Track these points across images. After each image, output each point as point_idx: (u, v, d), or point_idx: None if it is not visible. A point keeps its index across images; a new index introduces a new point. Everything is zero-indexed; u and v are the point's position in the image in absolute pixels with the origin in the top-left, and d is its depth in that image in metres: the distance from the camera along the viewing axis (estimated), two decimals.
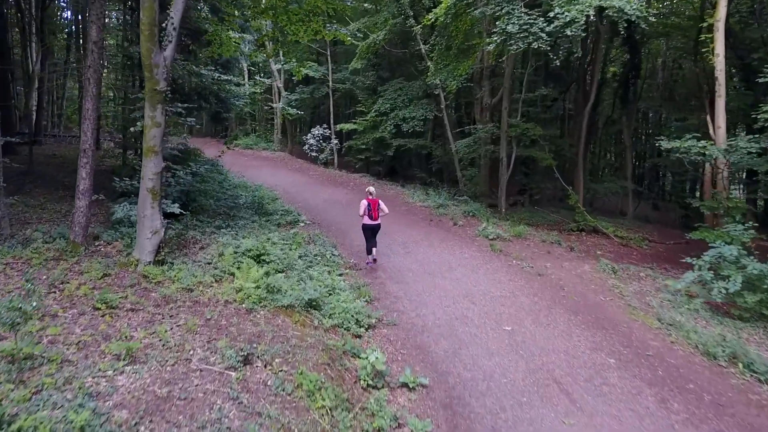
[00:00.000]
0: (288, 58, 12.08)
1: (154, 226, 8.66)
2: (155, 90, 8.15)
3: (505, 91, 17.88)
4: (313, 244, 13.22)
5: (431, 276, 11.14)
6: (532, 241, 14.41)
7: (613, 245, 16.21)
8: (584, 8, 11.65)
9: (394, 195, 20.67)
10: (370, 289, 10.06)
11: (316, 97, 32.34)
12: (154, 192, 8.57)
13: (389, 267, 11.76)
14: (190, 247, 10.52)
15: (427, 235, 14.51)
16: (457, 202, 18.71)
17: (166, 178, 12.08)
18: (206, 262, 9.52)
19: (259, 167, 26.86)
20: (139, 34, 7.94)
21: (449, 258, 12.41)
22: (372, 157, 28.94)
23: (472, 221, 16.46)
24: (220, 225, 12.48)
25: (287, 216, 15.89)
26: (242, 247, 9.77)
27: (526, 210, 20.35)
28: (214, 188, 16.10)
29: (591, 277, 11.43)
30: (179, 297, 7.75)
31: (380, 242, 13.34)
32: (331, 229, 15.20)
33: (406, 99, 24.15)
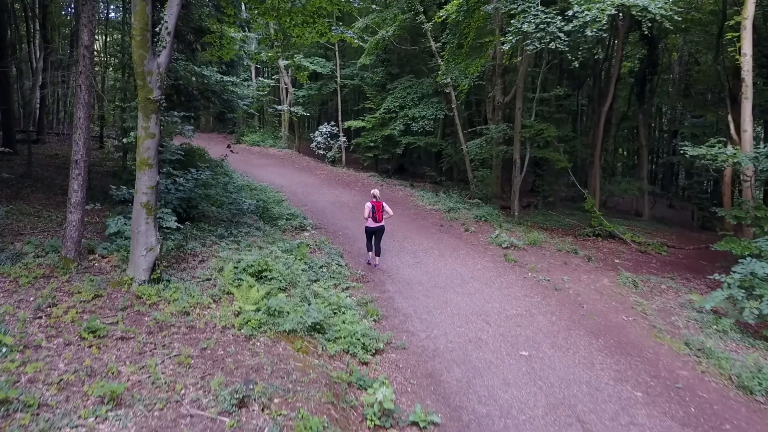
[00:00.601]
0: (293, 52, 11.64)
1: (149, 243, 8.16)
2: (149, 99, 7.62)
3: (518, 90, 17.23)
4: (319, 252, 12.72)
5: (442, 290, 10.59)
6: (548, 249, 13.81)
7: (630, 252, 15.58)
8: (606, 7, 10.99)
9: (403, 197, 20.11)
10: (377, 306, 9.55)
11: (324, 93, 31.77)
12: (148, 207, 8.06)
13: (398, 279, 11.23)
14: (189, 261, 10.02)
15: (437, 243, 13.95)
16: (468, 205, 18.13)
17: (166, 185, 11.61)
18: (205, 279, 9.02)
19: (266, 166, 26.38)
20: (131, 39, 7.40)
21: (461, 270, 11.85)
22: (381, 155, 28.38)
23: (484, 227, 15.88)
24: (222, 234, 11.98)
25: (293, 221, 15.38)
26: (243, 262, 9.25)
27: (540, 212, 19.74)
28: (218, 192, 15.58)
29: (611, 292, 10.83)
30: (174, 322, 7.24)
31: (389, 250, 12.92)
32: (338, 235, 14.68)
33: (416, 97, 23.53)
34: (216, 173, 18.63)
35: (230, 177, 19.97)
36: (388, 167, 30.39)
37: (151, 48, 7.47)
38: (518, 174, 17.65)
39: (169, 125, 10.82)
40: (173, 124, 10.67)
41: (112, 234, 9.51)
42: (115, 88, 19.86)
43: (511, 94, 20.23)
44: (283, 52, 12.40)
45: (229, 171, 21.75)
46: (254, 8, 10.47)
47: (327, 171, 26.36)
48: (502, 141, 19.95)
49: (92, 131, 24.67)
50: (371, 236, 11.95)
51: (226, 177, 18.47)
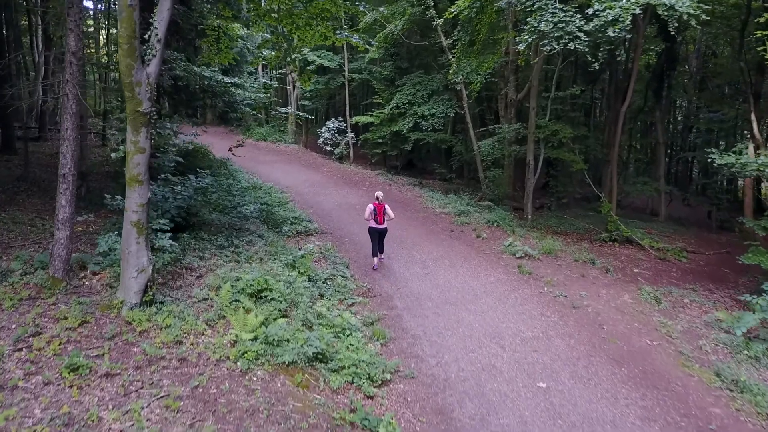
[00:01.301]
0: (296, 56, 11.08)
1: (141, 264, 7.63)
2: (138, 112, 7.05)
3: (533, 90, 16.52)
4: (324, 261, 12.20)
5: (453, 307, 10.02)
6: (564, 260, 13.17)
7: (649, 259, 14.92)
8: (629, 6, 10.27)
9: (411, 198, 19.51)
10: (384, 327, 9.01)
11: (332, 88, 31.08)
12: (139, 226, 7.52)
13: (407, 293, 10.66)
14: (186, 277, 9.49)
15: (447, 252, 13.36)
16: (479, 208, 17.49)
17: (163, 193, 11.08)
18: (201, 299, 8.49)
19: (272, 163, 25.80)
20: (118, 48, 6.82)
21: (473, 283, 11.27)
22: (389, 151, 27.75)
23: (497, 233, 15.26)
24: (222, 244, 11.44)
25: (297, 225, 14.84)
26: (241, 281, 8.70)
27: (553, 215, 19.07)
28: (220, 196, 15.06)
29: (632, 311, 10.20)
30: (165, 354, 6.71)
31: (398, 259, 12.42)
32: (344, 242, 14.12)
33: (426, 94, 22.83)
34: (219, 174, 18.12)
35: (234, 177, 19.43)
36: (396, 163, 29.77)
37: (139, 57, 6.89)
38: (532, 176, 16.98)
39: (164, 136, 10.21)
40: (167, 136, 10.07)
41: (102, 253, 8.95)
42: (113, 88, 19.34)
43: (524, 90, 19.52)
44: (285, 56, 11.76)
45: (234, 170, 21.21)
46: (253, 10, 9.83)
47: (334, 168, 25.76)
48: (515, 140, 19.26)
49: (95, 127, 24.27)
50: (375, 238, 11.99)
51: (230, 179, 17.92)
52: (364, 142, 29.05)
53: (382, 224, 11.79)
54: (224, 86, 13.16)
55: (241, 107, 15.30)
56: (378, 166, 28.47)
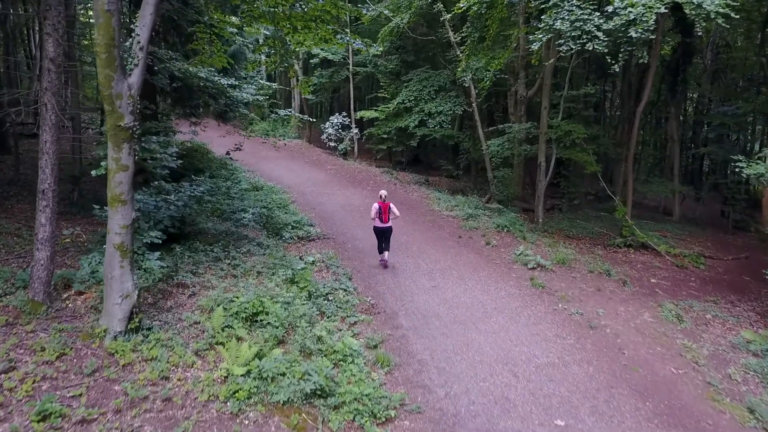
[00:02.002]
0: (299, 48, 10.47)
1: (125, 289, 7.05)
2: (119, 126, 6.43)
3: (544, 88, 15.80)
4: (326, 272, 11.62)
5: (463, 326, 9.40)
6: (578, 271, 12.53)
7: (666, 266, 14.27)
8: (653, 4, 9.54)
9: (417, 200, 18.86)
10: (389, 351, 8.41)
11: (336, 81, 30.34)
12: (123, 249, 6.93)
13: (413, 310, 10.05)
14: (177, 296, 8.91)
15: (456, 261, 12.73)
16: (488, 211, 16.84)
17: (156, 202, 10.47)
18: (192, 323, 7.91)
19: (275, 159, 25.18)
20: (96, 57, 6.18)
21: (483, 298, 10.65)
22: (394, 147, 27.07)
23: (507, 239, 14.61)
24: (218, 255, 10.85)
25: (299, 230, 14.26)
26: (235, 304, 8.11)
27: (564, 217, 18.40)
28: (219, 200, 14.47)
29: (654, 332, 9.56)
30: (148, 393, 6.13)
31: (404, 269, 11.90)
32: (347, 248, 13.52)
33: (432, 90, 22.08)
34: (218, 175, 17.53)
35: (235, 177, 18.88)
36: (402, 159, 29.10)
37: (119, 67, 6.26)
38: (543, 178, 16.29)
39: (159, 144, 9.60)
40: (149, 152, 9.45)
41: (84, 275, 8.35)
42: None
43: (535, 87, 18.79)
44: (282, 60, 11.09)
45: (235, 168, 20.62)
46: (248, 12, 9.15)
47: (338, 165, 25.12)
48: (526, 139, 18.57)
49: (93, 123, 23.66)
50: (380, 237, 11.99)
51: (229, 180, 17.31)
52: (368, 137, 28.38)
53: (387, 223, 11.75)
54: (221, 87, 12.50)
55: (239, 108, 14.62)
56: (383, 162, 27.82)
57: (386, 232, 11.87)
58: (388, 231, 11.89)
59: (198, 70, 11.85)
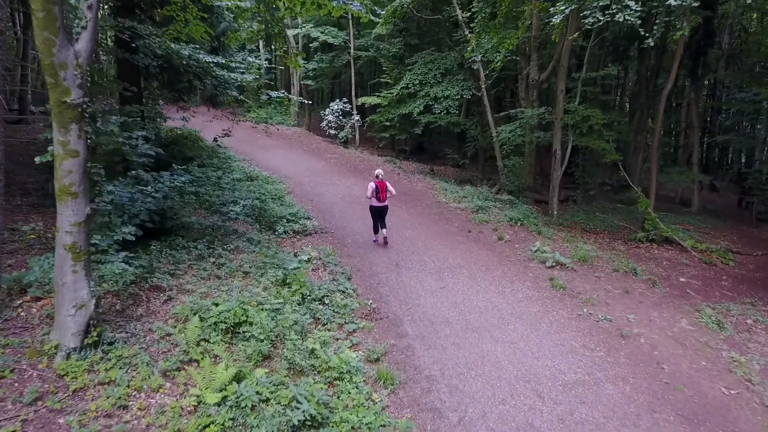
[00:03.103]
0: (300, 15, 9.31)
1: (79, 298, 5.92)
2: (64, 103, 5.26)
3: (561, 70, 14.53)
4: (322, 270, 10.50)
5: (476, 334, 8.26)
6: (602, 270, 11.36)
7: (693, 263, 13.13)
8: None
9: (422, 191, 17.67)
10: (393, 365, 7.27)
11: (336, 66, 29.07)
12: (75, 250, 5.79)
13: (420, 314, 8.92)
14: (151, 301, 7.79)
15: (466, 258, 11.58)
16: (499, 203, 15.65)
17: (132, 194, 9.31)
18: (163, 335, 6.78)
19: (272, 148, 24.00)
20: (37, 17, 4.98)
21: (498, 300, 9.49)
22: (397, 135, 25.84)
23: (521, 233, 13.44)
24: (201, 253, 9.71)
25: (294, 224, 13.13)
26: (214, 312, 6.98)
27: (580, 209, 17.22)
28: (207, 191, 13.32)
29: (695, 342, 8.41)
30: (100, 429, 5.02)
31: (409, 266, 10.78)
32: (346, 243, 12.39)
33: (438, 74, 20.80)
34: (208, 165, 16.39)
35: (227, 166, 17.69)
36: (405, 148, 27.90)
37: (62, 30, 5.07)
38: (558, 167, 15.10)
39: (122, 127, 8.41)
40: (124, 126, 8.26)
41: (31, 281, 7.18)
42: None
43: (548, 70, 17.52)
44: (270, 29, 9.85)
45: (228, 157, 19.47)
46: None
47: (338, 154, 23.91)
48: (538, 126, 17.34)
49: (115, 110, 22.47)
50: (377, 216, 12.18)
51: (220, 170, 16.13)
52: (370, 124, 27.15)
53: (384, 202, 11.93)
54: (206, 66, 11.30)
55: (229, 91, 13.41)
56: (385, 151, 26.62)
57: (383, 211, 12.07)
58: (385, 210, 12.10)
59: (181, 47, 10.63)
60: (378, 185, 11.80)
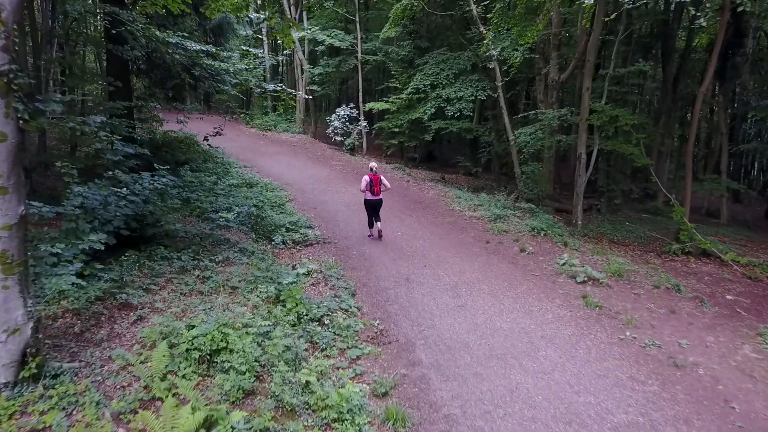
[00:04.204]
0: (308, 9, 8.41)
1: (11, 321, 4.72)
2: None
3: (587, 66, 13.29)
4: (323, 285, 9.30)
5: (502, 363, 6.97)
6: (640, 285, 10.03)
7: (737, 278, 11.78)
8: None
9: (434, 198, 16.42)
10: (404, 402, 5.99)
11: (343, 71, 28.00)
12: (5, 260, 4.60)
13: (434, 338, 7.64)
14: (117, 322, 6.58)
15: (485, 272, 10.30)
16: (519, 211, 14.37)
17: (105, 197, 8.15)
18: (123, 366, 5.56)
19: (275, 155, 22.90)
20: None
21: (525, 321, 8.20)
22: (407, 142, 24.65)
23: (545, 244, 12.15)
24: (185, 265, 8.52)
25: (294, 233, 11.96)
26: (186, 338, 5.73)
27: (605, 220, 15.91)
28: (200, 196, 12.16)
29: (766, 374, 7.07)
30: None
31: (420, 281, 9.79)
32: (351, 255, 11.16)
33: (451, 74, 19.59)
34: (203, 169, 15.27)
35: (226, 172, 16.58)
36: (414, 155, 26.71)
37: None
38: (583, 172, 13.82)
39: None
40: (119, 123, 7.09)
41: None
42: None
43: (569, 70, 16.34)
44: None
45: (228, 163, 18.36)
46: None
47: (344, 161, 22.72)
48: (559, 129, 16.11)
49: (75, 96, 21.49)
50: (370, 209, 12.04)
51: (214, 174, 14.99)
52: (378, 131, 26.00)
53: (379, 195, 11.83)
54: (194, 55, 10.17)
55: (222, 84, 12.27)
56: (393, 159, 25.44)
57: (378, 204, 11.95)
58: (380, 204, 12.00)
59: (166, 34, 9.51)
60: (372, 178, 11.66)
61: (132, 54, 11.15)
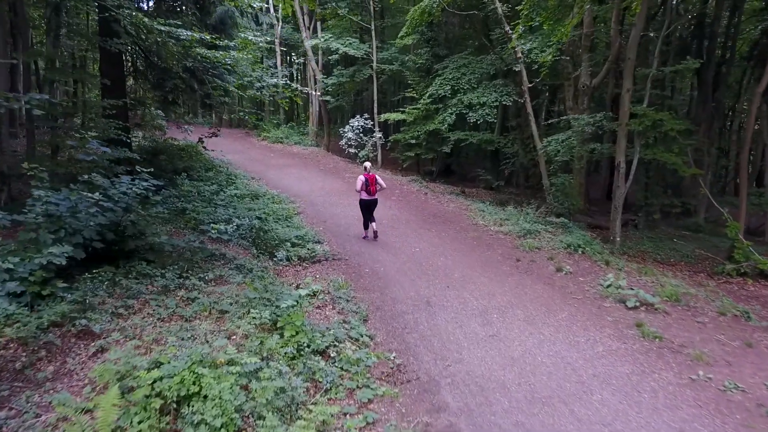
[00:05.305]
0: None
1: None
2: None
3: (628, 64, 11.93)
4: (330, 308, 8.02)
5: (549, 409, 5.58)
6: (703, 312, 8.55)
7: None
8: None
9: (455, 212, 15.07)
10: None
11: (358, 81, 26.89)
12: None
13: (462, 375, 6.28)
14: (73, 354, 5.32)
15: (518, 295, 8.92)
16: (550, 226, 12.96)
17: (74, 202, 6.95)
18: (60, 419, 4.26)
19: (285, 167, 21.76)
20: None
21: (572, 356, 6.80)
22: (423, 154, 23.38)
23: (583, 263, 10.73)
24: (168, 284, 7.26)
25: (300, 248, 10.71)
26: (146, 381, 4.43)
27: (643, 237, 14.45)
28: (196, 208, 10.96)
29: None
30: None
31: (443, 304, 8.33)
32: (363, 274, 9.86)
33: (473, 79, 18.30)
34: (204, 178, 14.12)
35: (229, 181, 15.42)
36: (432, 168, 25.41)
37: None
38: (622, 183, 12.40)
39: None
40: None
41: None
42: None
43: (602, 72, 15.01)
44: None
45: (234, 174, 17.22)
46: None
47: (357, 173, 21.42)
48: (591, 137, 14.75)
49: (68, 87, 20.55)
50: (365, 210, 11.90)
51: (215, 183, 13.81)
52: (393, 144, 24.75)
53: (374, 195, 11.71)
54: (188, 45, 9.00)
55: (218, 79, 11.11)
56: (409, 172, 24.14)
57: (372, 205, 11.83)
58: (375, 203, 11.87)
59: (156, 21, 8.38)
60: (367, 178, 11.53)
61: (123, 47, 10.06)
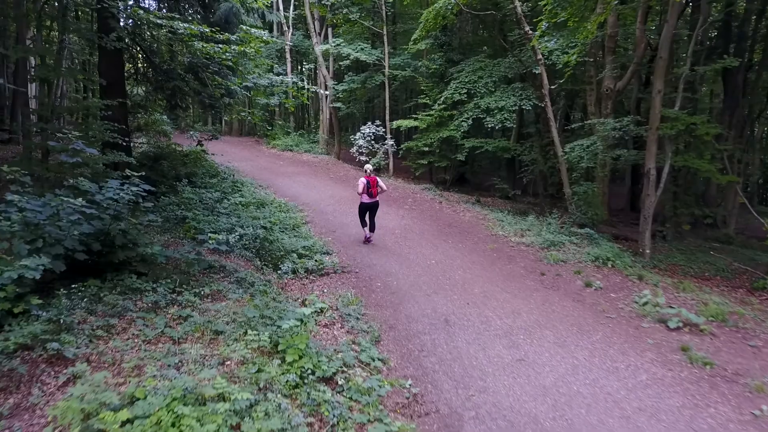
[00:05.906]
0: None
1: None
2: None
3: (660, 63, 11.11)
4: (338, 327, 7.27)
5: None
6: (755, 334, 7.63)
7: None
8: None
9: (472, 222, 14.26)
10: None
11: (369, 88, 26.25)
12: None
13: (489, 408, 5.48)
14: (39, 383, 4.60)
15: (546, 313, 8.09)
16: (575, 237, 12.12)
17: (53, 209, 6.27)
18: None
19: (294, 175, 21.10)
20: None
21: (612, 384, 5.97)
22: (437, 162, 22.62)
23: (613, 277, 9.88)
24: (158, 300, 6.54)
25: (307, 260, 9.99)
26: (110, 422, 3.68)
27: (673, 248, 13.56)
28: (196, 216, 10.28)
29: None
30: None
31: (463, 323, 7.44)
32: (375, 288, 9.10)
33: (490, 82, 17.56)
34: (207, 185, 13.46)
35: (234, 188, 14.76)
36: (445, 177, 24.62)
37: None
38: (653, 192, 11.56)
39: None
40: None
41: None
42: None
43: (627, 75, 14.21)
44: None
45: (241, 181, 16.56)
46: None
47: None
48: (615, 143, 13.93)
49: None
50: (365, 213, 11.72)
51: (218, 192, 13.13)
52: (405, 153, 24.03)
53: (376, 198, 11.55)
54: (186, 39, 8.34)
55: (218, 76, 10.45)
56: (422, 181, 23.40)
57: (374, 208, 11.67)
58: (375, 207, 11.69)
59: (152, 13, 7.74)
60: (369, 180, 11.35)
61: (122, 45, 9.44)
